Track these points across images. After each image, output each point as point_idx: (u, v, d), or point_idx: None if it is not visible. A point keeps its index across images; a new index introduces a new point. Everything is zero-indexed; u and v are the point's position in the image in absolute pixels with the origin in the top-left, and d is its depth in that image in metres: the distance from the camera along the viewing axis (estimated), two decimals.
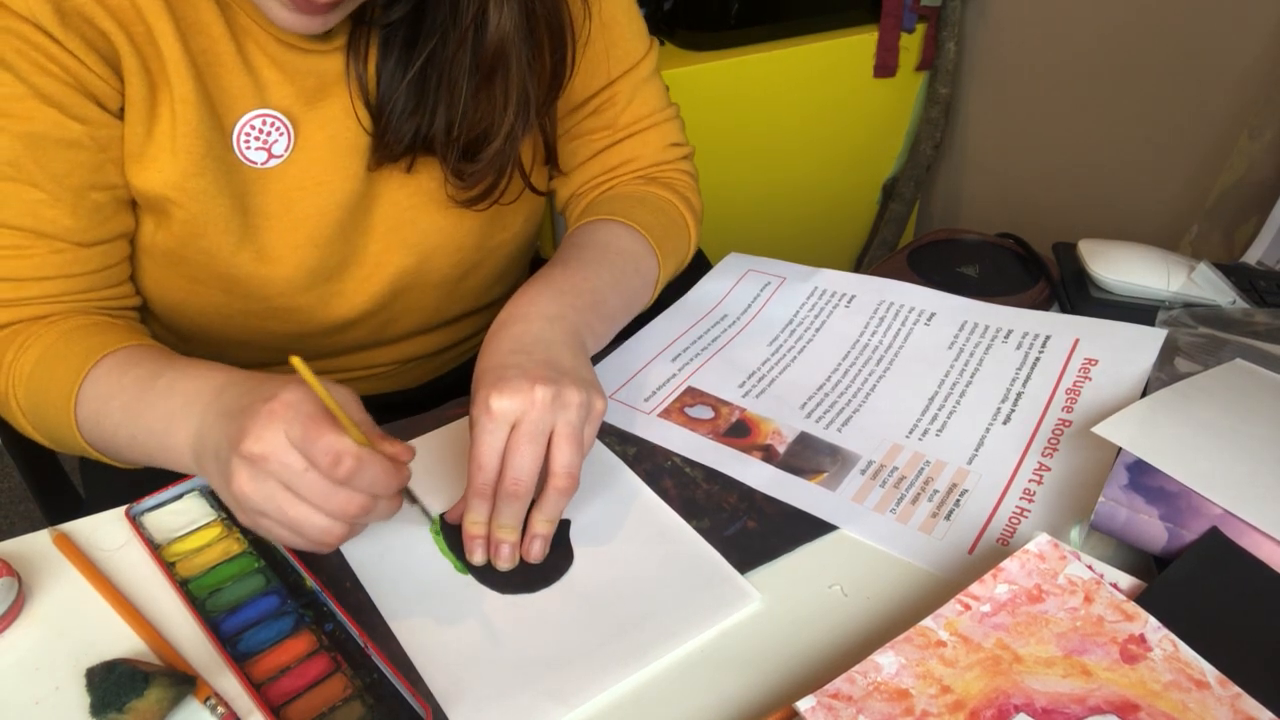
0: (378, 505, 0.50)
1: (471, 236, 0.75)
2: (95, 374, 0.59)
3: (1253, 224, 1.09)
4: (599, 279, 0.69)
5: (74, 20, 0.56)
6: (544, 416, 0.55)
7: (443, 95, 0.65)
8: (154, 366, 0.58)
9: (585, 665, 0.50)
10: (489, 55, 0.63)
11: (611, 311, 0.69)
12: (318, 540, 0.49)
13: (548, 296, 0.64)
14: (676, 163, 0.82)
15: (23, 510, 1.66)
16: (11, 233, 0.60)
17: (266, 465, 0.47)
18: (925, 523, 0.57)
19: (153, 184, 0.62)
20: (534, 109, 0.68)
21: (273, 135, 0.64)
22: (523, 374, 0.56)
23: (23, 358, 0.61)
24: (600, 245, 0.72)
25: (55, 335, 0.61)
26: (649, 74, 0.79)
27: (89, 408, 0.58)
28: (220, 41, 0.61)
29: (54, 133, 0.58)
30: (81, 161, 0.60)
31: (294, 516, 0.48)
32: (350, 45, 0.65)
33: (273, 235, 0.67)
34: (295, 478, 0.47)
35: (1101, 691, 0.44)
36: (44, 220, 0.60)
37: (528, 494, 0.55)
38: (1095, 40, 1.40)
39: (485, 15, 0.62)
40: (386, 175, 0.70)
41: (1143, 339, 0.69)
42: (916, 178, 1.71)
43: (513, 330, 0.61)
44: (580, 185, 0.81)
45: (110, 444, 0.59)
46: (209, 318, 0.71)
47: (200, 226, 0.64)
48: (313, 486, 0.47)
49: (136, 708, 0.46)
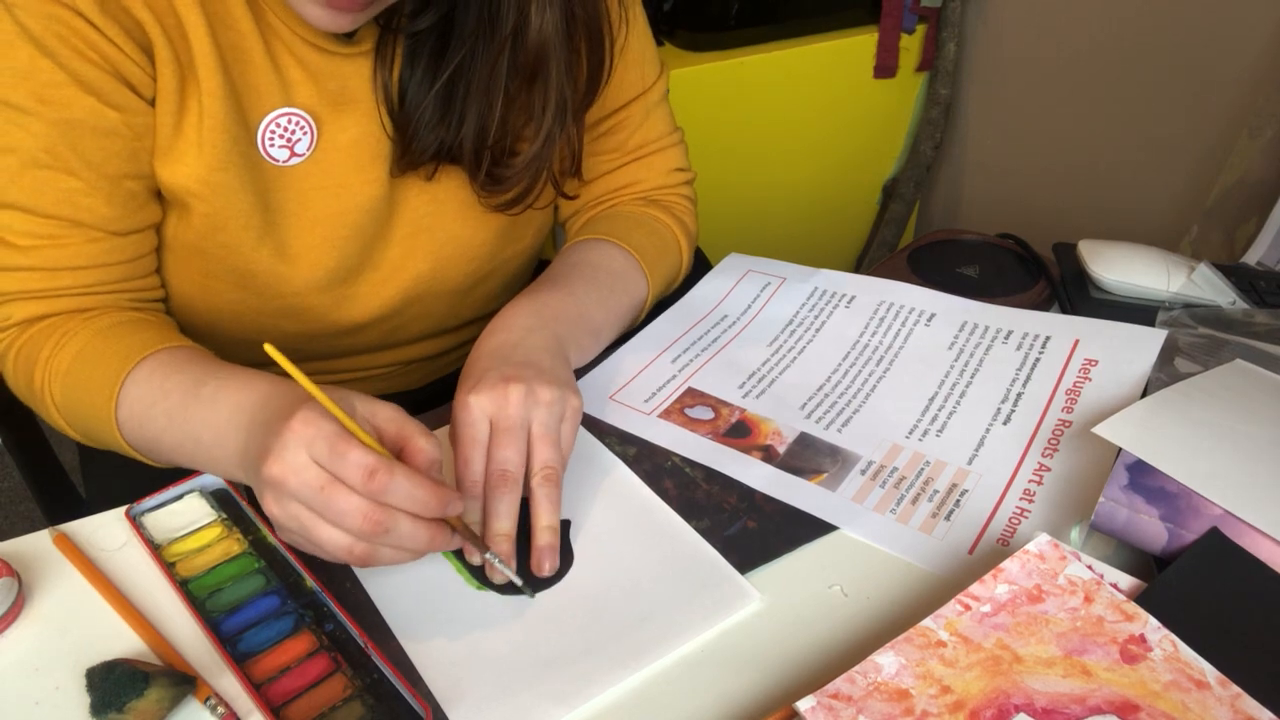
0: (397, 524, 0.47)
1: (485, 247, 0.75)
2: (136, 376, 0.58)
3: (1253, 224, 1.09)
4: (585, 296, 0.70)
5: (111, 7, 0.56)
6: (519, 413, 0.56)
7: (471, 105, 0.65)
8: (196, 373, 0.58)
9: (585, 665, 0.50)
10: (530, 59, 0.63)
11: (596, 327, 0.71)
12: (342, 559, 0.49)
13: (530, 310, 0.66)
14: (678, 187, 0.83)
15: (23, 510, 1.66)
16: (47, 221, 0.60)
17: (286, 486, 0.47)
18: (925, 523, 0.57)
19: (178, 177, 0.62)
20: (571, 112, 0.69)
21: (296, 134, 0.64)
22: (498, 375, 0.58)
23: (59, 354, 0.61)
24: (591, 265, 0.73)
25: (92, 332, 0.61)
26: (660, 98, 0.80)
27: (131, 409, 0.58)
28: (249, 38, 0.61)
29: (91, 120, 0.58)
30: (118, 150, 0.60)
31: (317, 536, 0.48)
32: (377, 51, 0.65)
33: (292, 233, 0.67)
34: (314, 497, 0.47)
35: (1101, 692, 0.44)
36: (81, 209, 0.60)
37: (516, 483, 0.55)
38: (1095, 40, 1.40)
39: (527, 19, 0.62)
40: (408, 182, 0.70)
41: (1143, 339, 0.69)
42: (916, 178, 1.71)
43: (494, 341, 0.63)
44: (583, 203, 0.82)
45: (153, 448, 0.59)
46: (221, 314, 0.71)
47: (221, 221, 0.64)
48: (330, 505, 0.47)
49: (136, 708, 0.46)
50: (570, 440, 0.59)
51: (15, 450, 0.87)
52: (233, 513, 0.59)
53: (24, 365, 0.62)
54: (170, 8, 0.58)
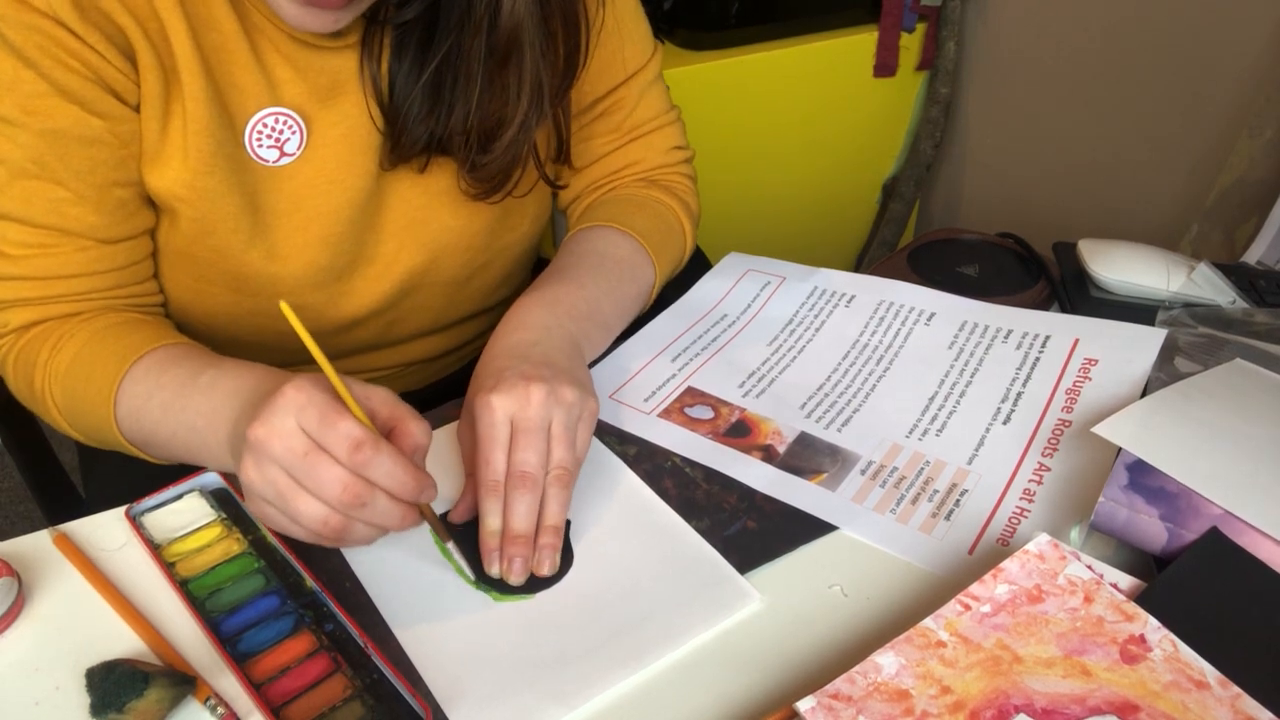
0: (375, 499, 0.48)
1: (480, 237, 0.75)
2: (134, 373, 0.59)
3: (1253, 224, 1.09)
4: (595, 288, 0.70)
5: (92, 14, 0.56)
6: (540, 413, 0.56)
7: (459, 93, 0.65)
8: (194, 365, 0.58)
9: (585, 665, 0.50)
10: (503, 42, 0.63)
11: (607, 320, 0.70)
12: (315, 530, 0.48)
13: (543, 307, 0.66)
14: (678, 166, 0.82)
15: (23, 510, 1.66)
16: (37, 231, 0.60)
17: (270, 449, 0.47)
18: (925, 523, 0.57)
19: (165, 182, 0.62)
20: (548, 98, 0.68)
21: (285, 134, 0.64)
22: (519, 374, 0.58)
23: (57, 356, 0.61)
24: (598, 254, 0.73)
25: (89, 333, 0.61)
26: (654, 77, 0.79)
27: (129, 404, 0.59)
28: (233, 39, 0.61)
29: (76, 129, 0.58)
30: (104, 158, 0.60)
31: (294, 505, 0.47)
32: (364, 43, 0.65)
33: (283, 233, 0.67)
34: (296, 461, 0.47)
35: (1101, 692, 0.44)
36: (69, 218, 0.60)
37: (536, 484, 0.55)
38: (1095, 40, 1.40)
39: (500, 1, 0.62)
40: (399, 174, 0.70)
41: (1143, 339, 0.69)
42: (916, 177, 1.71)
43: (510, 340, 0.63)
44: (583, 187, 0.81)
45: (150, 441, 0.59)
46: (216, 318, 0.71)
47: (209, 225, 0.64)
48: (311, 470, 0.46)
49: (136, 708, 0.46)
50: (586, 442, 0.59)
51: (15, 450, 0.87)
52: (233, 512, 0.59)
53: (24, 369, 0.63)
54: (152, 12, 0.58)
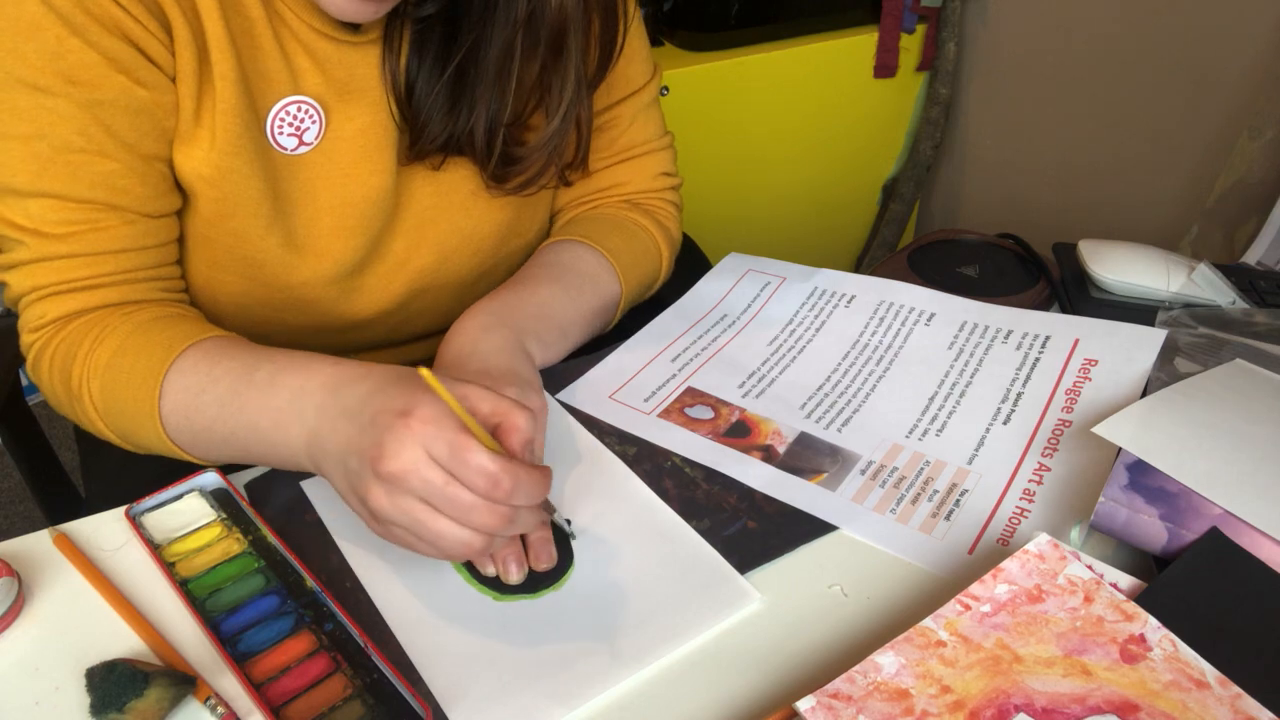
0: (519, 516, 0.48)
1: (489, 240, 0.75)
2: (181, 365, 0.57)
3: (1253, 224, 1.09)
4: (548, 292, 0.70)
5: None
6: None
7: (483, 91, 0.65)
8: (247, 359, 0.57)
9: (585, 665, 0.50)
10: (552, 35, 0.64)
11: (561, 322, 0.70)
12: (457, 554, 0.48)
13: (484, 310, 0.67)
14: (663, 192, 0.83)
15: (23, 510, 1.66)
16: (82, 206, 0.59)
17: (406, 483, 0.46)
18: (925, 523, 0.57)
19: (192, 161, 0.61)
20: (585, 88, 0.69)
21: (305, 122, 0.64)
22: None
23: (99, 349, 0.59)
24: (560, 265, 0.73)
25: (132, 326, 0.60)
26: (652, 100, 0.80)
27: (176, 400, 0.57)
28: (258, 24, 0.61)
29: (123, 99, 0.58)
30: (148, 129, 0.60)
31: (434, 530, 0.47)
32: (384, 39, 0.65)
33: (299, 221, 0.67)
34: (436, 493, 0.46)
35: (1101, 691, 0.44)
36: (117, 190, 0.59)
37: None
38: (1095, 40, 1.40)
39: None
40: (414, 171, 0.70)
41: (1143, 339, 0.69)
42: (916, 178, 1.71)
43: (450, 351, 0.64)
44: (567, 201, 0.82)
45: (201, 441, 0.58)
46: (226, 307, 0.71)
47: (231, 207, 0.64)
48: (454, 502, 0.46)
49: (136, 708, 0.46)
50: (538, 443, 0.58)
51: (15, 450, 0.87)
52: (232, 512, 0.59)
53: (60, 363, 0.61)
54: None
